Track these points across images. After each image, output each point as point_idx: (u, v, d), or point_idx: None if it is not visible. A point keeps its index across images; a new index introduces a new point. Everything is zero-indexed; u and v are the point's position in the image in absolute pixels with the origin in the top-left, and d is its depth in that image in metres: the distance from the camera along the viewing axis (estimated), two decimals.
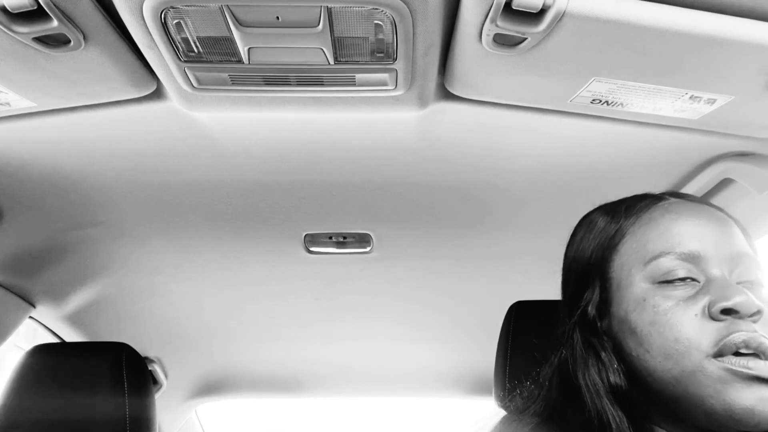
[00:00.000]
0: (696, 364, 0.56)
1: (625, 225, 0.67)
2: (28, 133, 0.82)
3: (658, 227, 0.64)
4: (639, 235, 0.65)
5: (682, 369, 0.56)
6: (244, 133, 0.84)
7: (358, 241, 1.21)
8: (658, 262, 0.61)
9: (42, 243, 1.15)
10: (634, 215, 0.67)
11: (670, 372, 0.57)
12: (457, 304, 1.50)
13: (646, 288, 0.61)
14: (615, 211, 0.70)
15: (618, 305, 0.64)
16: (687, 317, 0.57)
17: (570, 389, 0.63)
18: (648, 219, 0.66)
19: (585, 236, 0.71)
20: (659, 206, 0.67)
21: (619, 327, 0.63)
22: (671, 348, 0.57)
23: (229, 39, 0.62)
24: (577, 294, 0.69)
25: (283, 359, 1.79)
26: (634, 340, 0.61)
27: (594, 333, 0.65)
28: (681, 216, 0.64)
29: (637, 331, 0.60)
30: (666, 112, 0.72)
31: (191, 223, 1.13)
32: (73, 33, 0.58)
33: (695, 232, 0.62)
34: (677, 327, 0.57)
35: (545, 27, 0.55)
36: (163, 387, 1.66)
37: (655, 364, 0.58)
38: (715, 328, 0.56)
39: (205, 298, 1.47)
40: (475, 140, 0.86)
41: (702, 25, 0.56)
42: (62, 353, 1.17)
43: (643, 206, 0.68)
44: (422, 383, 1.86)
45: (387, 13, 0.58)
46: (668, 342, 0.57)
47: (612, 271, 0.66)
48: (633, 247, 0.64)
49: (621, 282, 0.64)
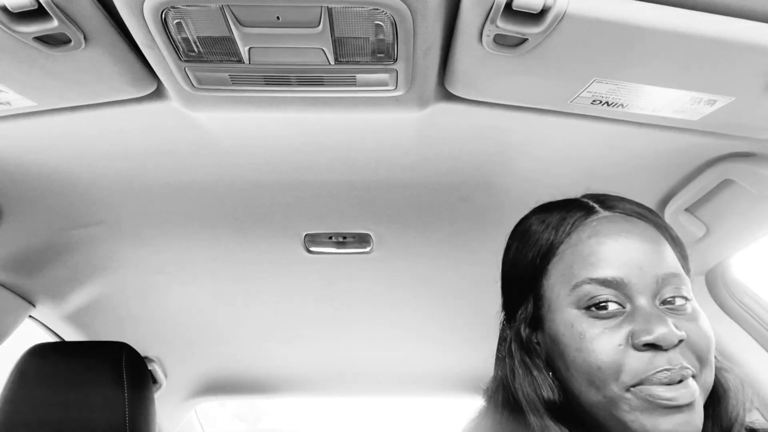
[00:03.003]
0: (617, 394, 0.58)
1: (555, 243, 0.66)
2: (29, 132, 0.82)
3: (583, 251, 0.63)
4: (567, 257, 0.64)
5: (603, 395, 0.58)
6: (245, 132, 0.84)
7: (358, 241, 1.21)
8: (583, 289, 0.61)
9: (42, 242, 1.15)
10: (563, 233, 0.66)
11: (595, 396, 0.59)
12: (456, 304, 1.50)
13: (574, 314, 0.62)
14: (548, 222, 0.69)
15: (549, 326, 0.65)
16: (611, 346, 0.58)
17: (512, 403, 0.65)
18: (576, 240, 0.65)
19: (519, 247, 0.71)
20: (588, 224, 0.66)
21: (551, 345, 0.64)
22: (594, 375, 0.58)
23: (230, 39, 0.62)
24: (513, 307, 0.71)
25: (283, 359, 1.79)
26: (563, 363, 0.62)
27: (527, 351, 0.67)
28: (607, 239, 0.63)
29: (565, 354, 0.61)
30: (666, 113, 0.72)
31: (191, 222, 1.13)
32: (74, 33, 0.58)
33: (619, 257, 0.61)
34: (601, 356, 0.58)
35: (545, 28, 0.56)
36: (163, 386, 1.66)
37: (580, 388, 0.60)
38: (638, 357, 0.57)
39: (204, 298, 1.47)
40: (475, 141, 0.86)
41: (702, 26, 0.56)
42: (62, 352, 1.17)
43: (574, 222, 0.67)
44: (422, 383, 1.86)
45: (387, 13, 0.58)
46: (592, 369, 0.58)
47: (544, 290, 0.66)
48: (561, 269, 0.64)
49: (551, 303, 0.65)
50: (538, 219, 0.71)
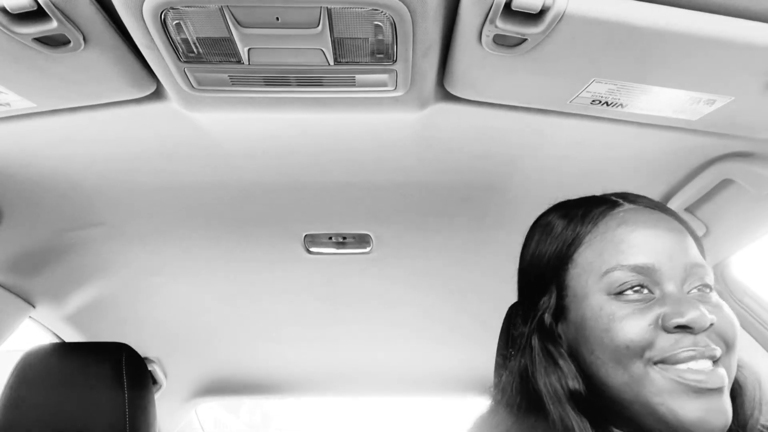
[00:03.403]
0: (642, 371, 0.58)
1: (582, 233, 0.67)
2: (28, 133, 0.82)
3: (613, 238, 0.64)
4: (595, 245, 0.65)
5: (630, 374, 0.58)
6: (244, 133, 0.84)
7: (358, 241, 1.21)
8: (614, 275, 0.62)
9: (42, 243, 1.15)
10: (590, 223, 0.67)
11: (622, 377, 0.59)
12: (456, 305, 1.50)
13: (602, 299, 0.62)
14: (571, 216, 0.70)
15: (575, 313, 0.65)
16: (641, 325, 0.59)
17: (532, 395, 0.64)
18: (604, 228, 0.66)
19: (541, 239, 0.71)
20: (615, 215, 0.67)
21: (575, 335, 0.64)
22: (621, 353, 0.59)
23: (229, 40, 0.62)
24: (533, 299, 0.70)
25: (283, 359, 1.79)
26: (588, 348, 0.62)
27: (551, 340, 0.66)
28: (636, 227, 0.64)
29: (591, 339, 0.61)
30: (665, 113, 0.72)
31: (191, 223, 1.13)
32: (73, 34, 0.58)
33: (650, 245, 0.63)
34: (630, 334, 0.59)
35: (545, 28, 0.56)
36: (163, 387, 1.66)
37: (608, 369, 0.60)
38: (667, 338, 0.58)
39: (205, 298, 1.47)
40: (474, 141, 0.86)
41: (701, 26, 0.56)
42: (62, 353, 1.17)
43: (599, 213, 0.68)
44: (422, 383, 1.86)
45: (387, 14, 0.58)
46: (620, 348, 0.59)
47: (569, 280, 0.66)
48: (589, 258, 0.65)
49: (578, 292, 0.65)
50: (561, 212, 0.72)
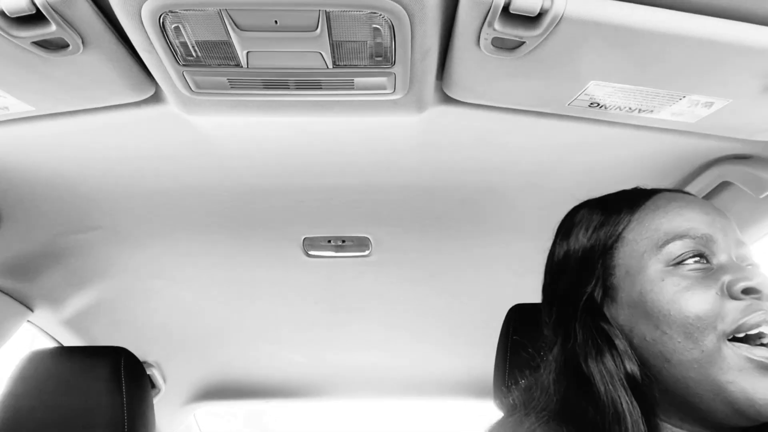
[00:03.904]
0: (715, 346, 0.56)
1: (629, 213, 0.67)
2: (27, 137, 0.82)
3: (667, 213, 0.64)
4: (647, 221, 0.65)
5: (702, 349, 0.56)
6: (243, 136, 0.84)
7: (357, 244, 1.21)
8: (674, 245, 0.61)
9: (40, 247, 1.15)
10: (636, 204, 0.67)
11: (691, 353, 0.57)
12: (456, 308, 1.50)
13: (662, 270, 0.61)
14: (609, 205, 0.70)
15: (629, 290, 0.63)
16: (709, 294, 0.58)
17: (580, 380, 0.62)
18: (654, 206, 0.66)
19: (580, 230, 0.71)
20: (660, 196, 0.68)
21: (630, 313, 0.62)
22: (692, 326, 0.57)
23: (228, 43, 0.62)
24: (575, 285, 0.68)
25: (283, 363, 1.78)
26: (650, 323, 0.60)
27: (603, 319, 0.64)
28: (688, 203, 0.65)
29: (654, 312, 0.59)
30: (664, 116, 0.72)
31: (190, 227, 1.13)
32: (72, 37, 0.58)
33: (705, 218, 0.63)
34: (699, 304, 0.57)
35: (543, 31, 0.56)
36: (162, 391, 1.65)
37: (675, 345, 0.58)
38: (735, 306, 0.57)
39: (203, 302, 1.47)
40: (473, 144, 0.86)
41: (699, 28, 0.56)
42: (60, 357, 1.16)
43: (643, 195, 0.69)
44: (422, 386, 1.86)
45: (385, 17, 0.58)
46: (689, 320, 0.57)
47: (618, 259, 0.65)
48: (642, 233, 0.64)
49: (631, 268, 0.63)
50: (593, 205, 0.72)
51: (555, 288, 0.73)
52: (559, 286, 0.72)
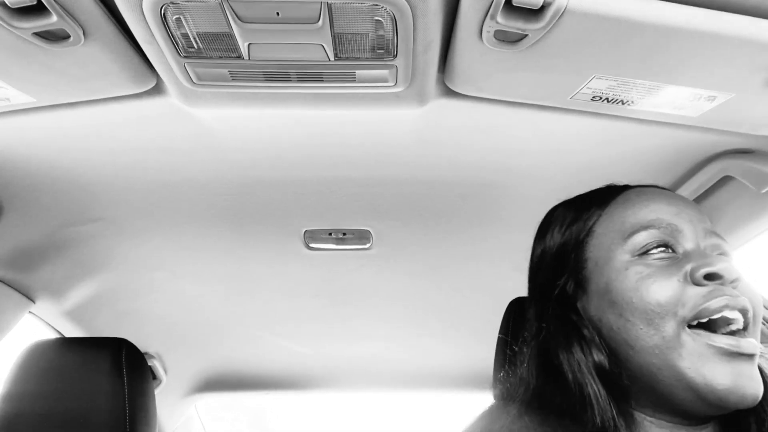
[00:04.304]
0: (675, 332, 0.57)
1: (599, 208, 0.69)
2: (28, 128, 0.82)
3: (634, 205, 0.66)
4: (616, 214, 0.67)
5: (663, 335, 0.58)
6: (244, 129, 0.84)
7: (358, 237, 1.21)
8: (639, 235, 0.63)
9: (42, 238, 1.15)
10: (607, 200, 0.70)
11: (652, 338, 0.58)
12: (456, 301, 1.50)
13: (628, 260, 0.62)
14: (582, 203, 0.72)
15: (597, 281, 0.65)
16: (670, 282, 0.59)
17: (550, 370, 0.64)
18: (623, 200, 0.68)
19: (555, 228, 0.73)
20: (633, 190, 0.70)
21: (598, 303, 0.64)
22: (653, 312, 0.58)
23: (229, 35, 0.61)
24: (551, 279, 0.71)
25: (283, 355, 1.79)
26: (615, 312, 0.61)
27: (573, 310, 0.66)
28: (656, 196, 0.67)
29: (618, 300, 0.61)
30: (666, 110, 0.72)
31: (191, 219, 1.13)
32: (73, 28, 0.58)
33: (672, 208, 0.65)
34: (660, 291, 0.58)
35: (545, 24, 0.55)
36: (163, 382, 1.66)
37: (637, 332, 0.59)
38: (697, 292, 0.58)
39: (205, 294, 1.47)
40: (475, 137, 0.86)
41: (702, 22, 0.56)
42: (62, 349, 1.17)
43: (615, 191, 0.71)
44: (422, 378, 1.86)
45: (387, 9, 0.58)
46: (650, 306, 0.58)
47: (588, 252, 0.67)
48: (610, 225, 0.66)
49: (599, 259, 0.65)
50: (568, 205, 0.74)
51: (534, 284, 0.75)
52: (537, 282, 0.74)
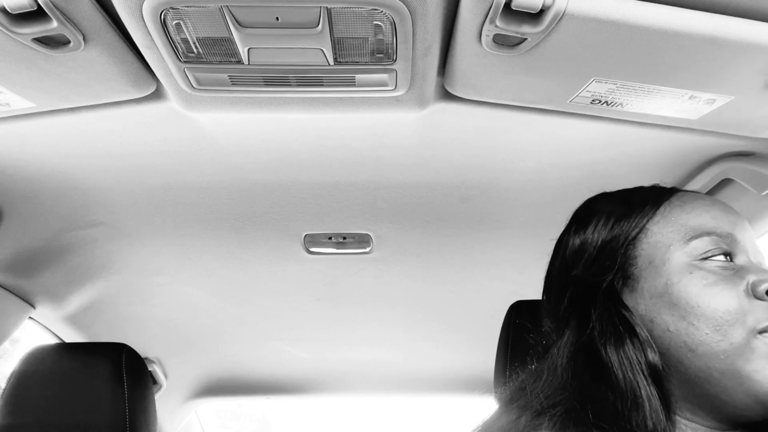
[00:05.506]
0: (744, 339, 0.57)
1: (653, 207, 0.68)
2: (28, 133, 0.82)
3: (694, 209, 0.65)
4: (674, 215, 0.66)
5: (730, 342, 0.57)
6: (244, 133, 0.84)
7: (358, 241, 1.21)
8: (701, 240, 0.62)
9: (42, 243, 1.15)
10: (660, 199, 0.68)
11: (719, 344, 0.57)
12: (457, 304, 1.50)
13: (689, 263, 0.62)
14: (632, 197, 0.71)
15: (652, 281, 0.63)
16: (736, 292, 0.59)
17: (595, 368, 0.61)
18: (680, 202, 0.67)
19: (600, 220, 0.70)
20: (685, 193, 0.69)
21: (652, 303, 0.62)
22: (721, 320, 0.57)
23: (229, 40, 0.62)
24: (595, 273, 0.68)
25: (283, 359, 1.79)
26: (675, 314, 0.60)
27: (625, 308, 0.64)
28: (714, 203, 0.66)
29: (681, 303, 0.60)
30: (665, 113, 0.72)
31: (191, 223, 1.13)
32: (73, 34, 0.58)
33: (729, 218, 0.64)
34: (728, 299, 0.58)
35: (545, 27, 0.56)
36: (163, 387, 1.66)
37: (702, 336, 0.58)
38: (762, 306, 0.58)
39: (205, 299, 1.47)
40: (474, 140, 0.86)
41: (701, 25, 0.56)
42: (62, 354, 1.17)
43: (665, 192, 0.69)
44: (422, 382, 1.86)
45: (386, 13, 0.58)
46: (718, 313, 0.58)
47: (640, 249, 0.65)
48: (668, 226, 0.65)
49: (654, 258, 0.64)
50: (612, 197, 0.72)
51: (567, 276, 0.71)
52: (572, 274, 0.71)
